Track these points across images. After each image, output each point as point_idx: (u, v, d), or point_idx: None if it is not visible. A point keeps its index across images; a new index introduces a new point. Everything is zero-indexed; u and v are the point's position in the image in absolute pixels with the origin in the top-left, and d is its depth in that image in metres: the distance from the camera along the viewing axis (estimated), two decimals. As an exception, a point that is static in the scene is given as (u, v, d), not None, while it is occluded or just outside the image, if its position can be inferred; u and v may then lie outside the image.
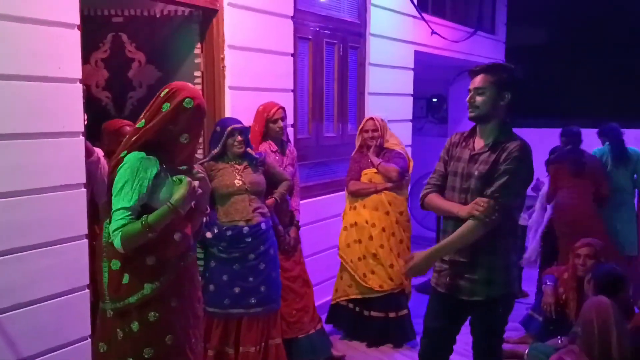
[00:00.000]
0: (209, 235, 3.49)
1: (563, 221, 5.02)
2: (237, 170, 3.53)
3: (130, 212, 2.15)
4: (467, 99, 2.72)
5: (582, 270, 3.99)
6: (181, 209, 2.19)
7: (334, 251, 4.52)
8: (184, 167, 2.32)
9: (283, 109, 3.87)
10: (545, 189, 5.26)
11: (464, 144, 2.81)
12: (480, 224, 2.61)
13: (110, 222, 2.21)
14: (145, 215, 2.15)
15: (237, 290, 3.49)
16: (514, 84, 2.69)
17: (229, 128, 3.47)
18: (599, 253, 4.02)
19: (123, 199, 2.15)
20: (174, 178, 2.25)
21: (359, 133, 4.46)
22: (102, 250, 2.27)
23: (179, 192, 2.20)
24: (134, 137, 2.24)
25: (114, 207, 2.17)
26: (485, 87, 2.66)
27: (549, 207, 5.21)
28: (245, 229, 3.48)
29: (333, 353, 4.07)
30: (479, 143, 2.75)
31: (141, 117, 2.29)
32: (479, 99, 2.67)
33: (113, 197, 2.18)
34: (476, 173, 2.68)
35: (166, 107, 2.23)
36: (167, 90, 2.26)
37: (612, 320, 3.28)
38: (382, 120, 4.39)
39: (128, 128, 3.29)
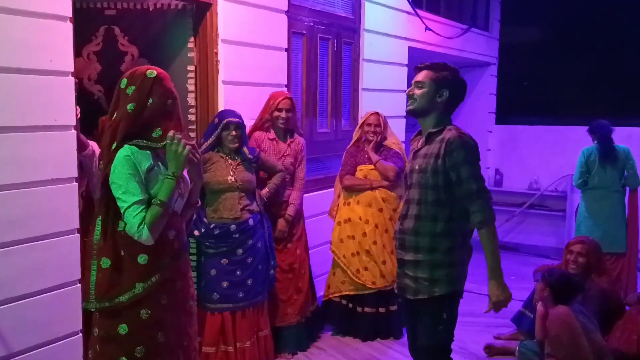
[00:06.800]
0: (196, 233, 3.48)
1: None
2: (230, 166, 3.53)
3: (144, 205, 2.17)
4: (407, 91, 2.78)
5: (573, 267, 4.01)
6: (180, 175, 2.24)
7: (326, 247, 4.51)
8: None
9: (290, 99, 3.91)
10: None
11: (412, 146, 2.88)
12: (488, 227, 2.60)
13: (105, 218, 2.19)
14: (155, 199, 2.18)
15: (225, 284, 3.50)
16: (455, 83, 2.72)
17: (225, 120, 3.48)
18: (590, 251, 4.04)
19: (133, 193, 2.15)
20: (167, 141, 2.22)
21: (359, 127, 4.45)
22: (92, 247, 2.24)
23: (172, 161, 2.21)
24: (118, 127, 2.21)
25: (125, 204, 2.15)
26: (425, 81, 2.71)
27: None
28: (233, 226, 3.48)
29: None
30: (421, 140, 2.80)
31: (110, 111, 2.27)
32: (417, 92, 2.72)
33: (120, 193, 2.16)
34: (416, 167, 2.72)
35: (131, 89, 2.21)
36: (124, 79, 2.25)
37: (577, 327, 3.34)
38: (384, 117, 4.39)
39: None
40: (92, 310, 2.26)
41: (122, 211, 2.16)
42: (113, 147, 2.20)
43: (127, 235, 2.17)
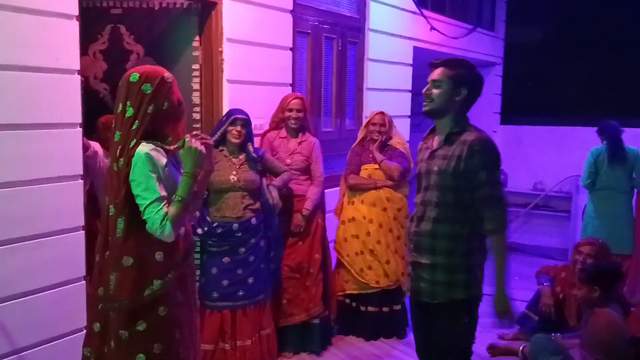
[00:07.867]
0: (199, 231, 3.51)
1: None
2: (233, 165, 3.55)
3: (164, 202, 2.18)
4: (423, 90, 2.66)
5: (580, 268, 4.00)
6: (197, 172, 2.25)
7: (332, 246, 4.51)
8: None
9: (301, 99, 3.97)
10: None
11: (425, 145, 2.76)
12: (499, 235, 2.59)
13: (128, 217, 2.19)
14: (175, 195, 2.19)
15: (225, 283, 3.52)
16: (472, 80, 2.63)
17: (233, 116, 3.54)
18: (599, 253, 4.03)
19: (154, 190, 2.16)
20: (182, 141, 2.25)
21: (364, 126, 4.45)
22: (116, 246, 2.21)
23: (190, 159, 2.22)
24: (140, 127, 2.20)
25: (146, 201, 2.15)
26: (442, 80, 2.59)
27: None
28: (235, 225, 3.51)
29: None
30: (437, 140, 2.69)
31: (119, 107, 2.23)
32: (435, 91, 2.60)
33: (141, 191, 2.16)
34: (435, 169, 2.61)
35: (148, 87, 2.19)
36: (136, 74, 2.22)
37: (625, 338, 3.33)
38: (390, 116, 4.39)
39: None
40: (111, 309, 2.24)
41: (141, 209, 2.17)
42: (132, 145, 2.20)
43: (147, 233, 2.18)
